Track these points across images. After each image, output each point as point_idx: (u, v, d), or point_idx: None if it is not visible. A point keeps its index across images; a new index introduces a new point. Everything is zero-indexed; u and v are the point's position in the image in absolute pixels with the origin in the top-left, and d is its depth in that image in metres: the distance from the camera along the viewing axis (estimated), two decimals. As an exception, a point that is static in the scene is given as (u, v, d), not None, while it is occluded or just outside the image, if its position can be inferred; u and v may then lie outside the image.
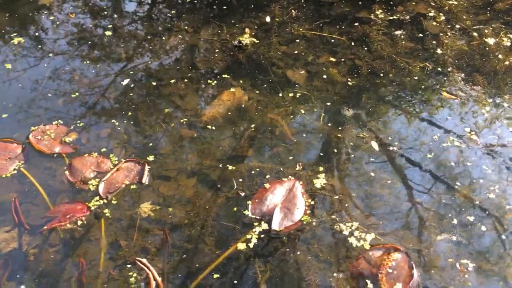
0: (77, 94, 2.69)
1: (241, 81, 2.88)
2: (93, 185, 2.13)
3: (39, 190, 2.11)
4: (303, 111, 2.70)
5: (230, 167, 2.33)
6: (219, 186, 2.25)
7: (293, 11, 3.39)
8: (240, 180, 2.28)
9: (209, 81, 2.86)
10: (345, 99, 2.79)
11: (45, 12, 3.38)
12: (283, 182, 2.19)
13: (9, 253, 1.93)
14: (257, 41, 3.12)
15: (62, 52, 3.04)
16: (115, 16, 3.39)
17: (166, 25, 3.33)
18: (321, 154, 2.44)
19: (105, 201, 2.08)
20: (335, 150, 2.45)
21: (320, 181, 2.22)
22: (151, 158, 2.30)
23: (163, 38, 3.20)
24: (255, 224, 2.06)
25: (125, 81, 2.78)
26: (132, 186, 2.17)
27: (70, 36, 3.18)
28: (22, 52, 3.01)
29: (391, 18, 3.42)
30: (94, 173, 2.16)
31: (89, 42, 3.10)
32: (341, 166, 2.37)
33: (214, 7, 3.48)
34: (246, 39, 3.05)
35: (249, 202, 2.13)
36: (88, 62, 2.94)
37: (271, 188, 2.16)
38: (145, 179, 2.17)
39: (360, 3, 3.54)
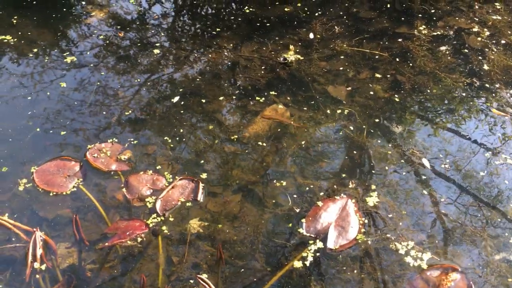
0: (129, 112, 2.77)
1: (283, 98, 2.91)
2: (150, 203, 2.18)
3: (97, 207, 2.17)
4: (346, 127, 2.71)
5: (276, 183, 2.35)
6: (264, 202, 2.27)
7: (336, 27, 3.43)
8: (287, 196, 2.30)
9: (251, 98, 2.90)
10: (388, 114, 2.79)
11: (95, 32, 3.47)
12: (336, 200, 2.20)
13: (70, 269, 1.98)
14: (302, 58, 3.16)
15: (112, 70, 3.12)
16: (161, 34, 3.47)
17: (207, 43, 3.39)
18: (371, 171, 2.44)
19: (163, 218, 2.12)
20: (385, 167, 2.44)
21: (372, 199, 2.22)
22: (204, 175, 2.34)
23: (205, 55, 3.27)
24: (310, 242, 2.06)
25: (175, 99, 2.85)
26: (187, 204, 2.21)
27: (118, 55, 3.27)
28: (75, 70, 3.12)
29: (433, 33, 3.41)
30: (150, 190, 2.21)
31: (138, 61, 3.18)
32: (392, 184, 2.36)
33: (254, 24, 3.54)
34: (291, 56, 3.09)
35: (303, 220, 2.14)
36: (137, 80, 3.02)
37: (324, 206, 2.16)
38: (200, 197, 2.21)
39: (401, 18, 3.55)
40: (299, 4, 3.68)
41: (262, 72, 3.11)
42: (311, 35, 3.31)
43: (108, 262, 2.02)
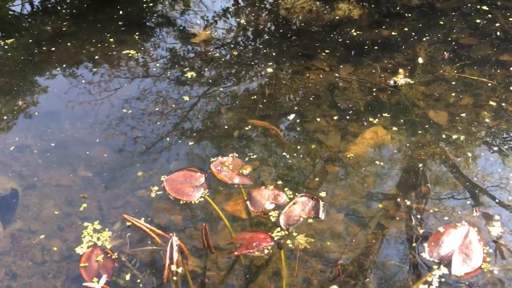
0: (248, 127, 2.90)
1: (382, 120, 2.95)
2: (273, 217, 2.28)
3: (221, 218, 2.30)
4: (449, 153, 2.70)
5: (378, 205, 2.39)
6: (367, 222, 2.31)
7: (445, 53, 3.45)
8: (388, 218, 2.33)
9: (350, 119, 2.96)
10: (493, 142, 2.76)
11: (210, 49, 3.67)
12: (457, 227, 2.21)
13: (198, 274, 2.11)
14: (412, 82, 3.20)
15: (223, 87, 3.29)
16: (262, 54, 3.62)
17: (304, 64, 3.50)
18: (492, 200, 2.42)
19: (286, 232, 2.22)
20: (508, 197, 2.42)
21: (496, 230, 2.21)
22: (323, 194, 2.42)
23: (303, 76, 3.37)
24: (435, 267, 2.08)
25: (291, 116, 2.97)
26: (309, 220, 2.29)
27: (231, 73, 3.43)
28: (195, 86, 3.32)
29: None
30: (273, 205, 2.31)
31: (248, 81, 3.34)
32: (513, 214, 2.34)
33: (350, 46, 3.62)
34: (401, 79, 3.14)
35: (425, 244, 2.17)
36: (254, 96, 3.17)
37: (446, 232, 2.18)
38: (321, 214, 2.29)
39: (504, 46, 3.51)
40: (394, 33, 3.73)
41: (361, 94, 3.17)
42: (420, 60, 3.34)
43: (233, 271, 2.13)
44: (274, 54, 3.54)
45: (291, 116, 2.99)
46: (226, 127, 2.91)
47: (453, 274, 2.04)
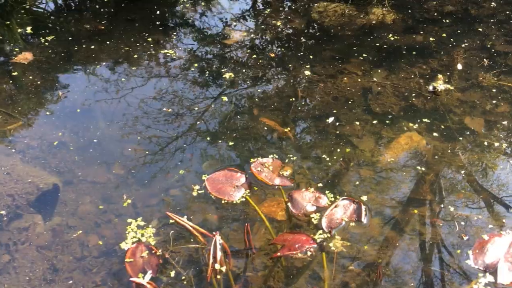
0: (288, 129, 2.91)
1: (417, 126, 2.94)
2: (315, 219, 2.28)
3: (262, 218, 2.31)
4: (486, 160, 2.68)
5: (413, 210, 2.38)
6: (402, 227, 2.30)
7: (485, 60, 3.43)
8: (424, 225, 2.31)
9: (384, 124, 2.96)
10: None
11: (248, 51, 3.69)
12: (501, 235, 2.19)
13: (240, 274, 2.11)
14: (452, 88, 3.18)
15: (261, 88, 3.31)
16: (294, 56, 3.63)
17: (337, 68, 3.50)
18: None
19: (329, 235, 2.21)
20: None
21: (542, 238, 2.19)
22: (365, 198, 2.42)
23: (336, 80, 3.37)
24: (480, 275, 2.06)
25: (330, 119, 2.96)
26: (351, 224, 2.29)
27: (268, 75, 3.45)
28: (232, 86, 3.33)
29: None
30: (314, 207, 2.32)
31: (280, 83, 3.35)
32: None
33: (383, 51, 3.61)
34: (440, 85, 3.12)
35: (469, 252, 2.15)
36: (290, 99, 3.18)
37: (490, 240, 2.16)
38: (364, 218, 2.28)
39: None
40: (431, 38, 3.71)
41: (395, 99, 3.16)
42: (459, 66, 3.33)
43: (275, 271, 2.13)
44: (306, 57, 3.55)
45: (324, 119, 2.99)
46: (266, 128, 2.92)
47: (499, 282, 2.02)
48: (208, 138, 2.85)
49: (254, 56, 3.59)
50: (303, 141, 2.86)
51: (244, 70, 3.46)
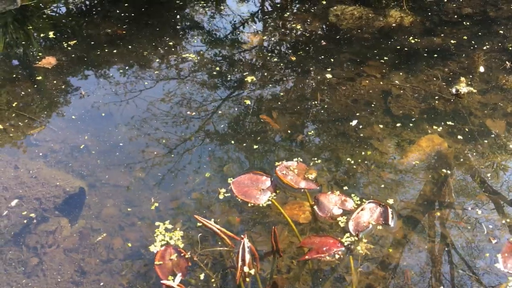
0: (312, 132, 2.92)
1: (438, 128, 2.93)
2: (342, 222, 2.29)
3: (288, 221, 2.31)
4: (508, 163, 2.66)
5: (436, 213, 2.37)
6: (428, 230, 2.29)
7: (507, 62, 3.42)
8: (445, 228, 2.30)
9: (405, 126, 2.95)
10: None
11: (269, 54, 3.69)
12: (531, 238, 2.18)
13: (268, 276, 2.12)
14: (475, 91, 3.17)
15: (281, 92, 3.32)
16: (313, 59, 3.62)
17: (355, 71, 3.49)
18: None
19: (356, 238, 2.21)
20: None
21: None
22: (390, 201, 2.41)
23: (355, 82, 3.37)
24: (510, 278, 2.05)
25: (354, 122, 2.96)
26: (378, 227, 2.29)
27: (288, 78, 3.46)
28: (254, 89, 3.34)
29: None
30: (340, 210, 2.32)
31: (300, 86, 3.35)
32: None
33: (400, 53, 3.60)
34: (463, 87, 3.12)
35: (498, 255, 2.14)
36: (313, 102, 3.18)
37: (519, 243, 2.15)
38: (391, 221, 2.28)
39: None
40: (448, 41, 3.70)
41: (415, 101, 3.15)
42: (482, 69, 3.32)
43: (303, 274, 2.14)
44: (325, 60, 3.55)
45: (345, 122, 2.99)
46: (289, 131, 2.93)
47: (531, 285, 2.01)
48: (230, 141, 2.86)
49: (275, 59, 3.60)
50: (325, 143, 2.86)
51: (265, 74, 3.47)
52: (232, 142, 2.84)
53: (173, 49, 3.73)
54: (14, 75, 3.32)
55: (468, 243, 2.27)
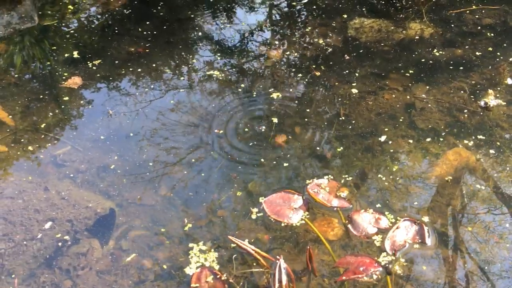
0: (341, 149, 2.90)
1: (465, 141, 2.91)
2: (377, 241, 2.27)
3: (322, 241, 2.29)
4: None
5: (467, 228, 2.34)
6: (467, 247, 2.28)
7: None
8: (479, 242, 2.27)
9: (430, 140, 2.93)
10: None
11: (293, 70, 3.67)
12: None
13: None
14: (504, 103, 3.15)
15: (304, 107, 3.31)
16: (333, 73, 3.61)
17: (377, 84, 3.47)
18: None
19: (393, 257, 2.19)
20: None
21: None
22: (425, 218, 2.39)
23: (377, 96, 3.35)
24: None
25: (383, 138, 2.95)
26: (415, 246, 2.26)
27: (314, 93, 3.46)
28: (280, 106, 3.31)
29: None
30: (375, 229, 2.30)
31: (321, 100, 3.35)
32: None
33: (421, 66, 3.59)
34: (491, 100, 3.09)
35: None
36: (328, 119, 3.18)
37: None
38: (428, 240, 2.26)
39: None
40: (473, 52, 3.68)
41: (440, 114, 3.13)
42: (509, 81, 3.29)
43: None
44: (345, 73, 3.55)
45: (369, 136, 2.98)
46: (318, 148, 2.92)
47: None
48: (253, 158, 2.85)
49: (300, 75, 3.59)
50: (353, 159, 2.85)
51: (291, 90, 3.47)
52: (262, 160, 2.83)
53: (196, 67, 3.74)
54: (41, 96, 3.35)
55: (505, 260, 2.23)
